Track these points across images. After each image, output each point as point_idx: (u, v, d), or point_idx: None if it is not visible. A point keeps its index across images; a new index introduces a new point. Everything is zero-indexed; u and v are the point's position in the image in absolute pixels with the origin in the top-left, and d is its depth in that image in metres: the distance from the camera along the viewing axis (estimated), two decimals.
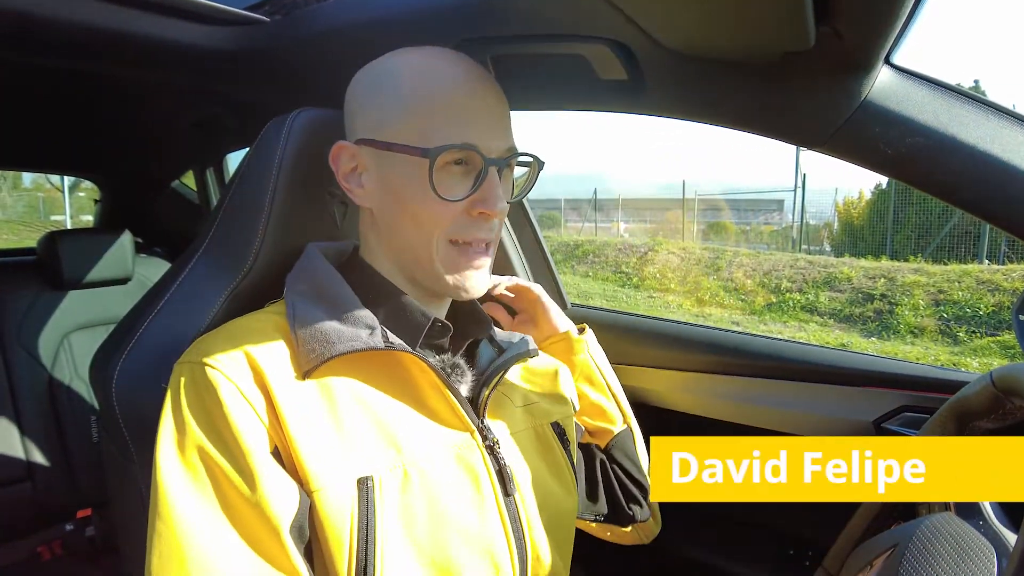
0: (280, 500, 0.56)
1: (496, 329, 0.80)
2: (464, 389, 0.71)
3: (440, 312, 0.74)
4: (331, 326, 0.63)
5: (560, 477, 0.78)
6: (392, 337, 0.65)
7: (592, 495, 0.90)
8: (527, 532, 0.69)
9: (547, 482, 0.75)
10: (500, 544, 0.66)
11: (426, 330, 0.68)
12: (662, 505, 0.96)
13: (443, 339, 0.72)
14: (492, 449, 0.68)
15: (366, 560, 0.58)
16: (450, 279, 0.68)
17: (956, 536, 0.57)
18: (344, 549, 0.58)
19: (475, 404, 0.70)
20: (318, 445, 0.59)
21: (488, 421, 0.71)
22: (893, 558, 0.57)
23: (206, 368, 0.59)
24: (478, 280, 0.69)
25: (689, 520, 1.29)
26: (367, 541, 0.58)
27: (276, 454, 0.59)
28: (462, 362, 0.72)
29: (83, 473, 1.84)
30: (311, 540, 0.60)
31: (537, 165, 0.74)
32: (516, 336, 0.80)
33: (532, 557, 0.69)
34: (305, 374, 0.61)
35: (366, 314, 0.66)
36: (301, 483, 0.59)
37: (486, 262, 0.70)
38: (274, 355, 0.62)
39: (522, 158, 0.72)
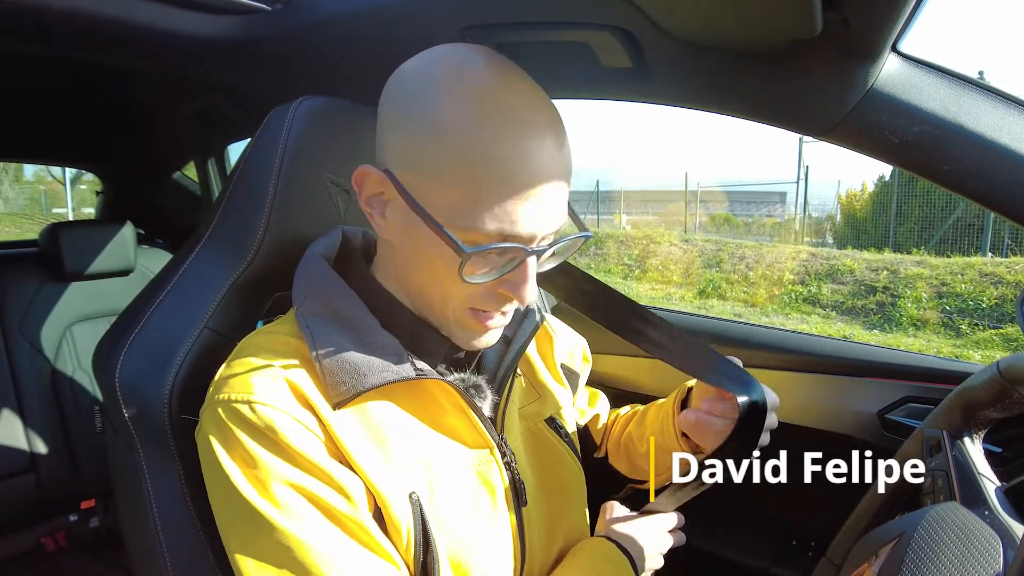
0: (364, 503, 0.58)
1: None
2: (486, 408, 0.70)
3: None
4: (358, 356, 0.61)
5: (567, 473, 0.78)
6: (419, 363, 0.64)
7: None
8: (529, 539, 0.70)
9: (550, 482, 0.76)
10: (506, 548, 0.68)
11: (441, 355, 0.68)
12: None
13: (459, 353, 0.70)
14: (509, 465, 0.69)
15: (425, 565, 0.60)
16: (460, 337, 0.65)
17: (962, 526, 0.57)
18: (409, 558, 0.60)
19: (494, 420, 0.71)
20: (372, 465, 0.59)
21: (505, 434, 0.71)
22: (898, 547, 0.57)
23: (255, 406, 0.57)
24: (490, 339, 0.66)
25: (692, 510, 1.29)
26: (428, 550, 0.60)
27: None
28: (483, 382, 0.71)
29: (87, 464, 1.85)
30: None
31: (582, 241, 0.66)
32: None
33: (529, 558, 0.70)
34: (336, 405, 0.59)
35: (389, 339, 0.63)
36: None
37: (505, 322, 0.66)
38: (306, 384, 0.60)
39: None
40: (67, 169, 10.25)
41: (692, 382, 0.83)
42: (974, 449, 0.72)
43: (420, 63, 0.58)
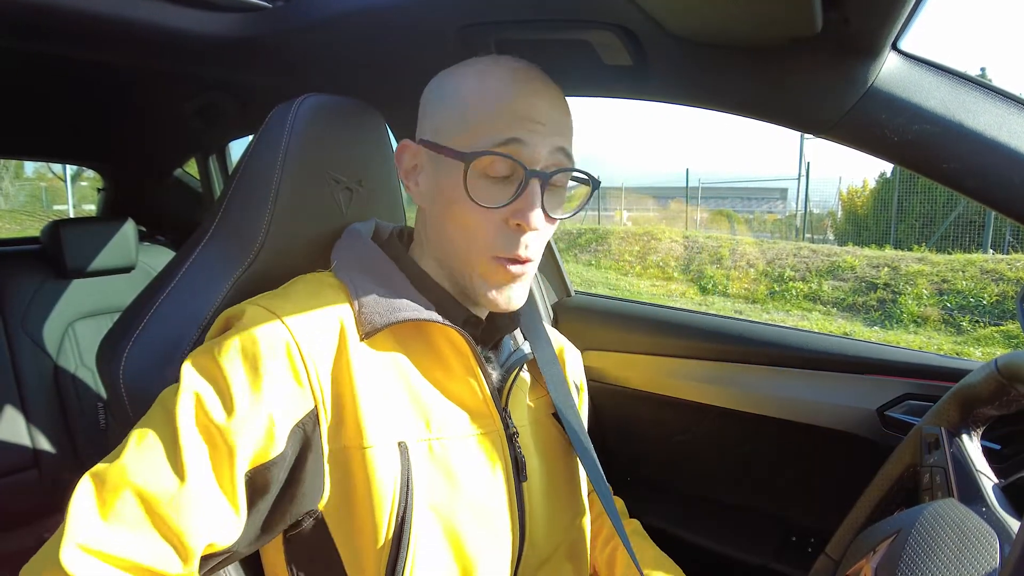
0: (251, 449, 0.57)
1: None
2: (494, 378, 0.73)
3: (478, 311, 0.75)
4: (391, 296, 0.66)
5: (568, 468, 0.79)
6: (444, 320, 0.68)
7: None
8: (530, 516, 0.72)
9: (552, 475, 0.77)
10: (504, 522, 0.69)
11: (463, 321, 0.71)
12: (664, 493, 0.96)
13: (475, 331, 0.73)
14: (512, 439, 0.71)
15: (403, 518, 0.61)
16: (489, 293, 0.68)
17: (959, 522, 0.57)
18: (386, 506, 0.61)
19: (499, 394, 0.73)
20: (372, 406, 0.62)
21: (509, 410, 0.73)
22: (896, 544, 0.58)
23: (278, 322, 0.60)
24: (517, 294, 0.69)
25: (692, 507, 1.29)
26: (407, 500, 0.61)
27: (307, 431, 0.60)
28: (492, 355, 0.75)
29: (90, 460, 1.83)
30: (348, 498, 0.62)
31: (591, 183, 0.71)
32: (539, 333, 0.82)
33: (530, 539, 0.72)
34: (366, 335, 0.63)
35: (420, 297, 0.68)
36: (352, 443, 0.61)
37: (527, 274, 0.69)
38: (339, 316, 0.64)
39: (574, 174, 0.69)
40: (68, 166, 10.25)
41: None
42: (972, 446, 0.72)
43: (457, 65, 0.70)
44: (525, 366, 0.81)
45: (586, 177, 0.70)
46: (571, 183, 0.72)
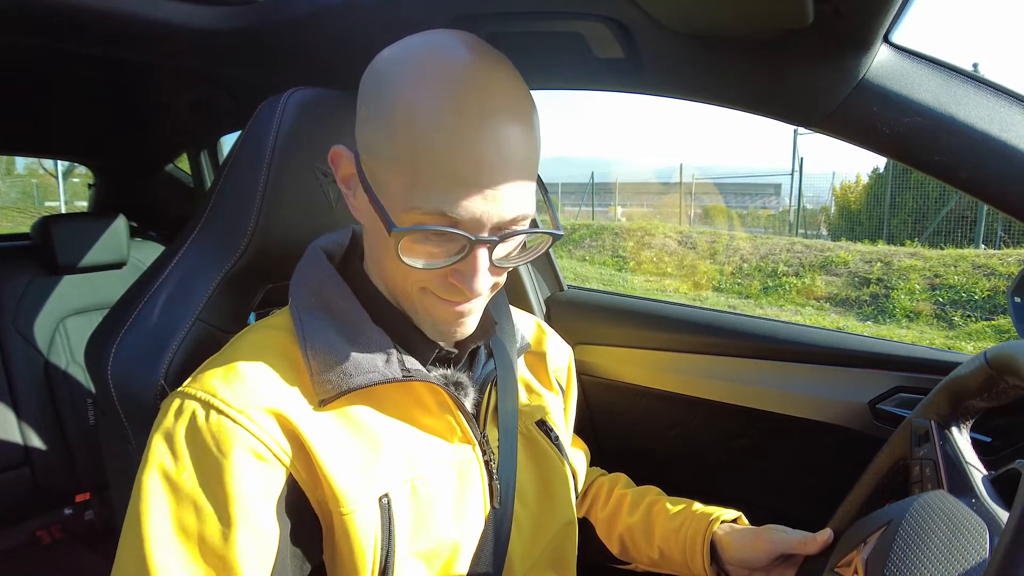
0: (253, 559, 0.55)
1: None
2: (468, 403, 0.70)
3: None
4: (347, 352, 0.61)
5: (554, 476, 0.79)
6: (408, 362, 0.63)
7: None
8: (513, 538, 0.71)
9: (538, 490, 0.77)
10: (485, 547, 0.68)
11: (432, 358, 0.67)
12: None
13: (451, 353, 0.69)
14: (488, 464, 0.69)
15: (386, 565, 0.60)
16: (428, 328, 0.64)
17: (949, 513, 0.57)
18: (368, 562, 0.59)
19: (476, 416, 0.71)
20: (345, 469, 0.58)
21: (486, 433, 0.71)
22: (887, 535, 0.58)
23: (213, 411, 0.56)
24: (462, 329, 0.64)
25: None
26: (388, 553, 0.60)
27: (292, 494, 0.58)
28: (464, 378, 0.70)
29: (81, 457, 1.85)
30: (333, 551, 0.60)
31: (549, 239, 0.63)
32: (506, 332, 0.79)
33: (510, 557, 0.71)
34: (321, 403, 0.59)
35: (379, 336, 0.63)
36: (332, 508, 0.58)
37: (474, 309, 0.63)
38: (289, 386, 0.59)
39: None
40: (59, 162, 10.18)
41: (718, 528, 0.86)
42: (962, 439, 0.72)
43: (394, 51, 0.59)
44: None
45: (546, 233, 0.61)
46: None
